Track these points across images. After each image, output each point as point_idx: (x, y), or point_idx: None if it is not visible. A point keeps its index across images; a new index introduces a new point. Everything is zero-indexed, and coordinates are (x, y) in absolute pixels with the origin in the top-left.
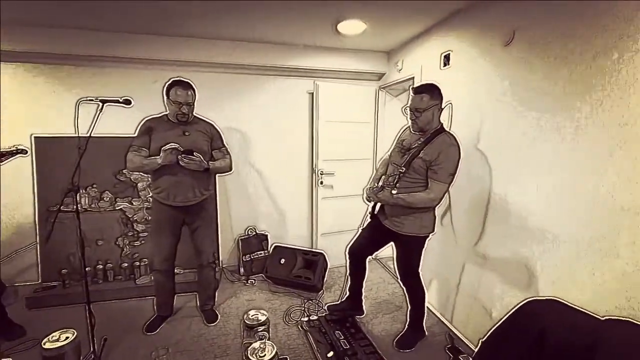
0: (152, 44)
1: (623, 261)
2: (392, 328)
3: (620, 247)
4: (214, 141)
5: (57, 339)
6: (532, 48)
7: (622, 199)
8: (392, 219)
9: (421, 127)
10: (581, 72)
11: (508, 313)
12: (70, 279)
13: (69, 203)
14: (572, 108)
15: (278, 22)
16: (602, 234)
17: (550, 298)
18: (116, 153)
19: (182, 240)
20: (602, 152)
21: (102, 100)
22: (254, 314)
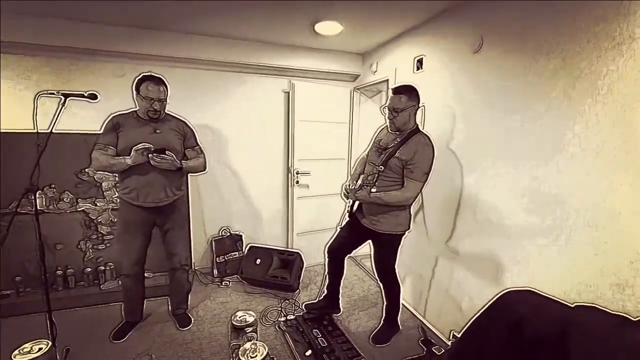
0: (121, 36)
1: (579, 252)
2: (368, 324)
3: (577, 241)
4: (187, 139)
5: (28, 351)
6: (499, 54)
7: (579, 197)
8: (370, 218)
9: (398, 127)
10: (547, 77)
11: (485, 305)
12: (25, 287)
13: (24, 204)
14: (536, 111)
15: (255, 20)
16: (561, 229)
17: (525, 289)
18: (78, 151)
19: (152, 242)
20: (565, 152)
21: (64, 94)
22: (241, 315)
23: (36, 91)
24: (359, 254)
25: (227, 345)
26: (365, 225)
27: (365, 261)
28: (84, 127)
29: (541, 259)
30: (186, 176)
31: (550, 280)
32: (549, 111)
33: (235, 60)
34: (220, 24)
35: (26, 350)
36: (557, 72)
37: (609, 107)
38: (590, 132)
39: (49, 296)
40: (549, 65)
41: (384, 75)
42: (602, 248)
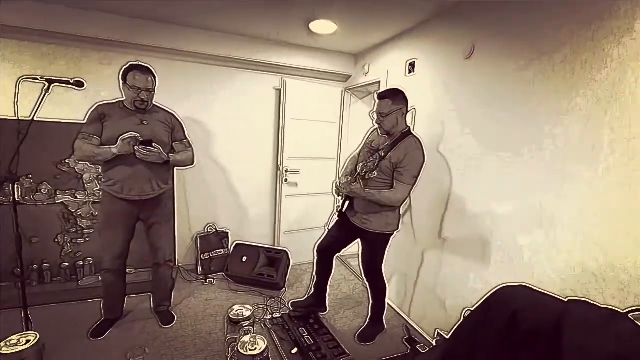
0: (110, 23)
1: (566, 254)
2: (354, 323)
3: (563, 243)
4: (175, 132)
5: (15, 343)
6: (491, 60)
7: (568, 200)
8: (360, 217)
9: (387, 130)
10: (537, 82)
11: (480, 299)
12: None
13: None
14: (526, 113)
15: (250, 15)
16: (547, 231)
17: (520, 284)
18: (58, 140)
19: (134, 237)
20: (551, 162)
21: (48, 80)
22: (238, 308)
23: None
24: (345, 253)
25: (212, 342)
26: (355, 224)
27: (351, 260)
28: (66, 116)
29: (526, 260)
30: (172, 170)
31: (535, 281)
32: (538, 113)
33: (227, 55)
34: (214, 18)
35: (13, 342)
36: (548, 77)
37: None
38: (577, 132)
39: (21, 292)
40: (540, 70)
41: (375, 77)
42: (588, 248)
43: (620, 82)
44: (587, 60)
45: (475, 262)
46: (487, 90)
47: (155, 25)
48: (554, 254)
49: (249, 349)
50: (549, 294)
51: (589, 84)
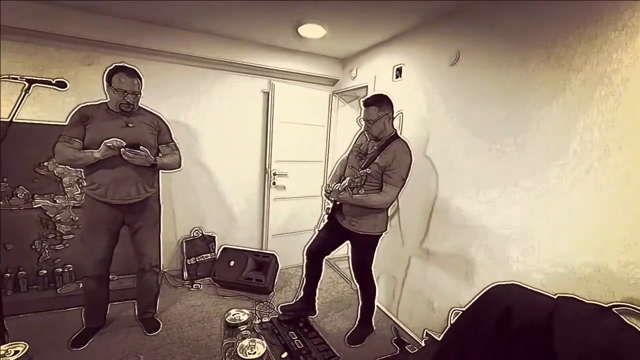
0: (95, 23)
1: (546, 255)
2: (343, 325)
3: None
4: (162, 135)
5: (3, 355)
6: (475, 67)
7: (547, 203)
8: (349, 219)
9: (375, 135)
10: (519, 90)
11: (475, 297)
12: None
13: None
14: (505, 122)
15: (240, 18)
16: (529, 231)
17: (512, 282)
18: (36, 142)
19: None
20: (532, 164)
21: (29, 80)
22: (235, 312)
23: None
24: (334, 256)
25: (199, 349)
26: (344, 227)
27: (339, 264)
28: (44, 117)
29: (511, 260)
30: (158, 173)
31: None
32: (522, 117)
33: (215, 57)
34: (203, 20)
35: (1, 353)
36: (529, 82)
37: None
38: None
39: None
40: (521, 75)
41: (363, 82)
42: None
43: (598, 84)
44: (564, 64)
45: (462, 264)
46: (472, 95)
47: (141, 26)
48: (538, 255)
49: (248, 353)
50: (540, 292)
51: (568, 87)
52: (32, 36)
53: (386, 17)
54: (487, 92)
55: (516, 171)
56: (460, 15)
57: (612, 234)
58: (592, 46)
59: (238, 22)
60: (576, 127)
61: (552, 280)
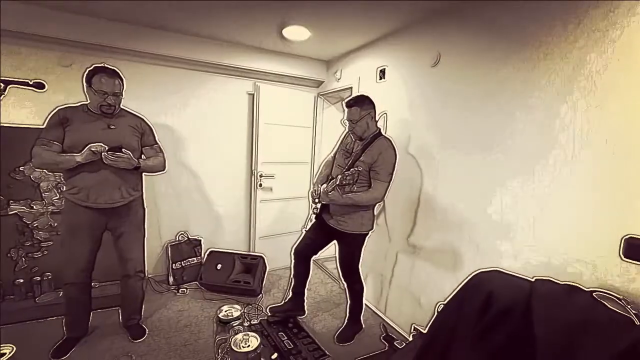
0: (75, 24)
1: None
2: (332, 324)
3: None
4: (145, 137)
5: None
6: (455, 67)
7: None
8: (336, 218)
9: (360, 135)
10: (497, 91)
11: (459, 284)
12: None
13: None
14: (486, 120)
15: (223, 19)
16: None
17: (494, 269)
18: (11, 146)
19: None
20: (512, 159)
21: (4, 81)
22: (227, 309)
23: None
24: (321, 256)
25: (187, 355)
26: (331, 226)
27: (327, 264)
28: (20, 120)
29: (496, 254)
30: (142, 176)
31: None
32: (500, 115)
33: (199, 59)
34: (186, 21)
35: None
36: (508, 81)
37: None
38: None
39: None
40: (502, 75)
41: (347, 83)
42: (545, 245)
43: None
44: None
45: (449, 258)
46: (452, 94)
47: (125, 28)
48: (524, 248)
49: (242, 347)
50: (519, 276)
51: (549, 84)
52: (12, 37)
53: (370, 19)
54: (467, 91)
55: (499, 167)
56: (441, 17)
57: (599, 227)
58: (572, 45)
59: (222, 24)
60: (557, 122)
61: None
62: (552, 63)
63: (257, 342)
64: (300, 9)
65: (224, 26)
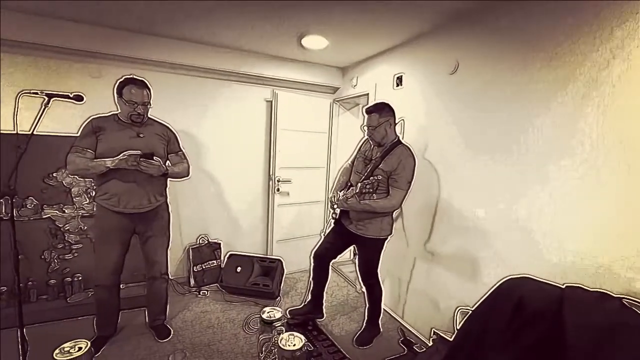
0: (100, 37)
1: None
2: (350, 327)
3: (542, 244)
4: (171, 144)
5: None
6: (473, 77)
7: (549, 202)
8: (356, 223)
9: (378, 141)
10: (515, 97)
11: (487, 292)
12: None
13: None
14: (505, 126)
15: (244, 29)
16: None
17: (523, 275)
18: (45, 154)
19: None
20: (530, 166)
21: (48, 94)
22: (269, 310)
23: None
24: (338, 260)
25: (212, 355)
26: (350, 231)
27: (342, 267)
28: (52, 129)
29: (515, 259)
30: (167, 182)
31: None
32: (518, 121)
33: (219, 68)
34: (207, 31)
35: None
36: (527, 87)
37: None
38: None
39: (18, 310)
40: (520, 82)
41: (364, 90)
42: (563, 251)
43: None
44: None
45: (466, 264)
46: (471, 101)
47: (144, 38)
48: (542, 254)
49: (289, 345)
50: (549, 282)
51: (566, 89)
52: (42, 50)
53: (387, 27)
54: (485, 97)
55: (518, 172)
56: (458, 24)
57: (617, 230)
58: (591, 49)
59: (242, 34)
60: (578, 126)
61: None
62: (571, 67)
63: (302, 342)
64: (320, 19)
65: (245, 37)
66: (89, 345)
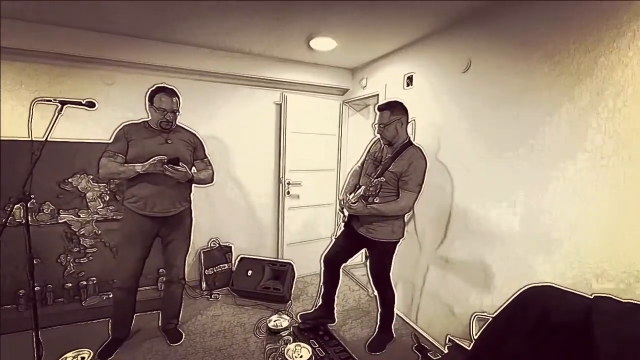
0: (113, 44)
1: (562, 259)
2: (362, 333)
3: (560, 249)
4: (197, 151)
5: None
6: (486, 75)
7: (567, 207)
8: (366, 227)
9: (388, 140)
10: (528, 96)
11: (509, 298)
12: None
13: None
14: (519, 126)
15: (252, 33)
16: (548, 238)
17: (546, 284)
18: (61, 159)
19: None
20: (546, 166)
21: (61, 102)
22: (276, 319)
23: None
24: (349, 264)
25: (224, 359)
26: (361, 234)
27: (354, 271)
28: (68, 135)
29: (531, 265)
30: (191, 188)
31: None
32: (532, 121)
33: (229, 72)
34: (216, 36)
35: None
36: (542, 85)
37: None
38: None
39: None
40: (533, 80)
41: (374, 90)
42: (582, 257)
43: (609, 83)
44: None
45: (481, 268)
46: (484, 100)
47: (160, 45)
48: (560, 260)
49: (295, 357)
50: (575, 292)
51: (579, 88)
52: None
53: (396, 27)
54: (499, 97)
55: (535, 175)
56: (470, 22)
57: (636, 234)
58: (606, 48)
59: (250, 38)
60: (589, 129)
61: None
62: (586, 66)
63: (309, 354)
64: (329, 20)
65: (254, 40)
66: (92, 354)
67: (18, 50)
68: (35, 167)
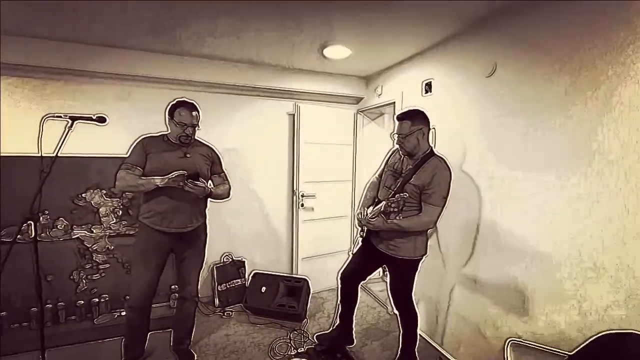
0: (124, 58)
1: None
2: (383, 356)
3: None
4: (215, 165)
5: None
6: (513, 77)
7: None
8: (386, 243)
9: (408, 151)
10: (561, 96)
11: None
12: (11, 323)
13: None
14: (553, 130)
15: (265, 44)
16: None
17: (627, 331)
18: (74, 174)
19: None
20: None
21: (72, 117)
22: None
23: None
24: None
25: None
26: (381, 250)
27: (372, 286)
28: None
29: (568, 287)
30: (207, 203)
31: (576, 307)
32: (565, 129)
33: (242, 83)
34: (229, 48)
35: None
36: (572, 91)
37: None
38: (611, 147)
39: (31, 333)
40: (563, 85)
41: (390, 98)
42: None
43: None
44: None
45: (513, 288)
46: (512, 106)
47: (173, 58)
48: (607, 283)
49: None
50: None
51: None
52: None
53: (413, 31)
54: (529, 101)
55: (571, 186)
56: (494, 23)
57: None
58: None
59: (263, 49)
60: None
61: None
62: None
63: None
64: (343, 28)
65: (266, 51)
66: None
67: (29, 66)
68: (50, 182)
